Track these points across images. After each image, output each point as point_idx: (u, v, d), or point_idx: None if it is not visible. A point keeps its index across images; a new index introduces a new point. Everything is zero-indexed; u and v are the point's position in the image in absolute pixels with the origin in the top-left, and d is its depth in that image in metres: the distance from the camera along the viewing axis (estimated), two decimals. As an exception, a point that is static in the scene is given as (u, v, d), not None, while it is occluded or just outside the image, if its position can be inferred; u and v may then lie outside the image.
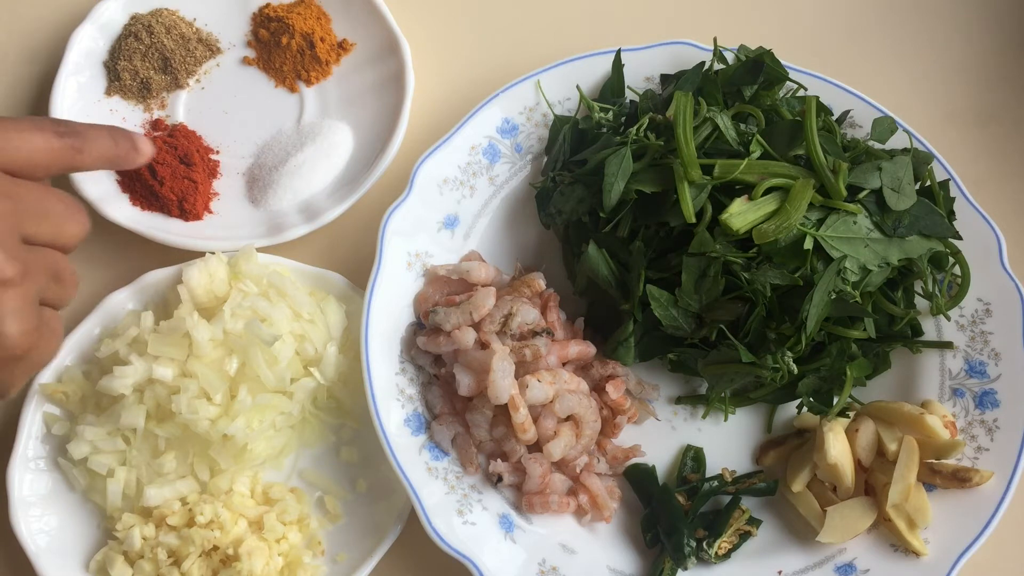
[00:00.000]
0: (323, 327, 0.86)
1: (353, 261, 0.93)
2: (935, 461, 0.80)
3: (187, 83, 1.01)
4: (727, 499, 0.83)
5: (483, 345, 0.81)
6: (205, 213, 0.94)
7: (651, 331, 0.83)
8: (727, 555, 0.81)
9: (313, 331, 0.85)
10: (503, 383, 0.78)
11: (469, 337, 0.81)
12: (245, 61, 1.03)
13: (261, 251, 0.89)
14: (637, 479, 0.85)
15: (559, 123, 0.92)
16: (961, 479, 0.79)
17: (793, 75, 0.90)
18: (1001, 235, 0.87)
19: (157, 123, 0.99)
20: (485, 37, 1.05)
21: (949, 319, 0.86)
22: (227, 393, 0.81)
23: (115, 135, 0.60)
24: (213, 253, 0.86)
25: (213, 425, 0.79)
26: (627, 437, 0.86)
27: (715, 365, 0.81)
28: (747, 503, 0.83)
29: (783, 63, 0.87)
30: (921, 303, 0.87)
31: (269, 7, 1.03)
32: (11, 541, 0.80)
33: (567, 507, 0.82)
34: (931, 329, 0.87)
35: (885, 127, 0.87)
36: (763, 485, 0.84)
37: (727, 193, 0.78)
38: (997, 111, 1.02)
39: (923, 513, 0.78)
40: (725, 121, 0.81)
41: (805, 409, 0.86)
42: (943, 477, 0.79)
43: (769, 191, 0.77)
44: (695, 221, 0.77)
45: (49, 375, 0.84)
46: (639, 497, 0.85)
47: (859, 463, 0.81)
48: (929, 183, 0.85)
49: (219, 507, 0.79)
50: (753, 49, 0.88)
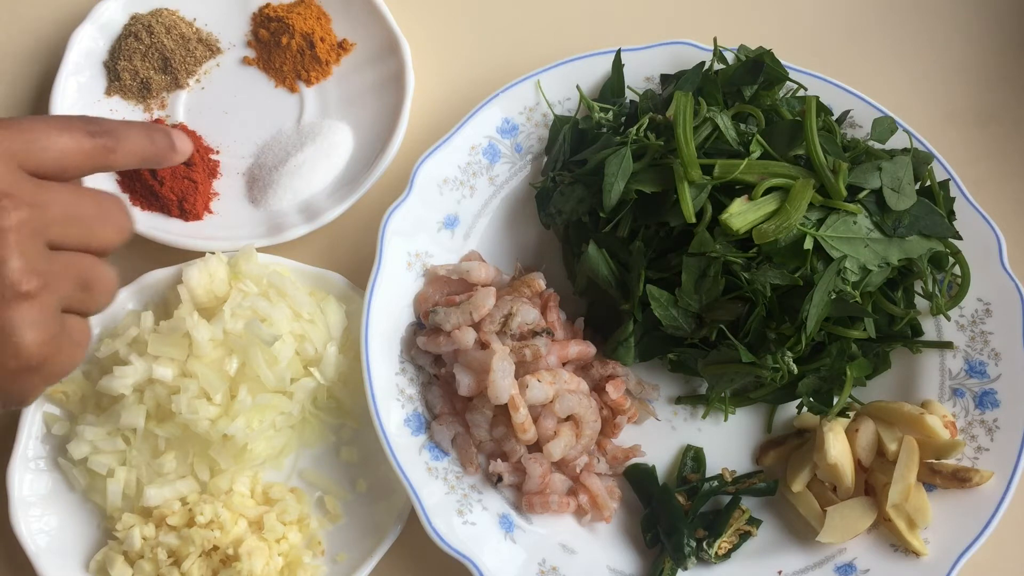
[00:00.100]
0: (323, 327, 0.86)
1: (353, 261, 0.93)
2: (935, 461, 0.80)
3: (187, 83, 1.01)
4: (727, 499, 0.83)
5: (483, 345, 0.81)
6: (205, 213, 0.94)
7: (651, 331, 0.83)
8: (727, 555, 0.81)
9: (313, 331, 0.85)
10: (503, 383, 0.78)
11: (469, 337, 0.80)
12: (245, 61, 1.03)
13: (261, 251, 0.89)
14: (637, 479, 0.85)
15: (559, 123, 0.92)
16: (961, 479, 0.79)
17: (793, 75, 0.90)
18: (1001, 235, 0.87)
19: (157, 123, 0.99)
20: (485, 37, 1.05)
21: (949, 319, 0.86)
22: (227, 393, 0.81)
23: (152, 133, 0.58)
24: (213, 253, 0.86)
25: (213, 425, 0.79)
26: (627, 437, 0.86)
27: (715, 365, 0.81)
28: (747, 503, 0.83)
29: (783, 63, 0.87)
30: (921, 303, 0.87)
31: (269, 7, 1.03)
32: (11, 541, 0.80)
33: (567, 507, 0.82)
34: (931, 329, 0.87)
35: (885, 127, 0.87)
36: (763, 485, 0.84)
37: (727, 193, 0.78)
38: (997, 111, 1.02)
39: (923, 513, 0.78)
40: (725, 121, 0.81)
41: (805, 409, 0.86)
42: (943, 477, 0.79)
43: (769, 191, 0.77)
44: (695, 221, 0.77)
45: (49, 375, 0.84)
46: (639, 497, 0.84)
47: (859, 463, 0.81)
48: (929, 183, 0.85)
49: (219, 507, 0.79)
50: (753, 49, 0.88)
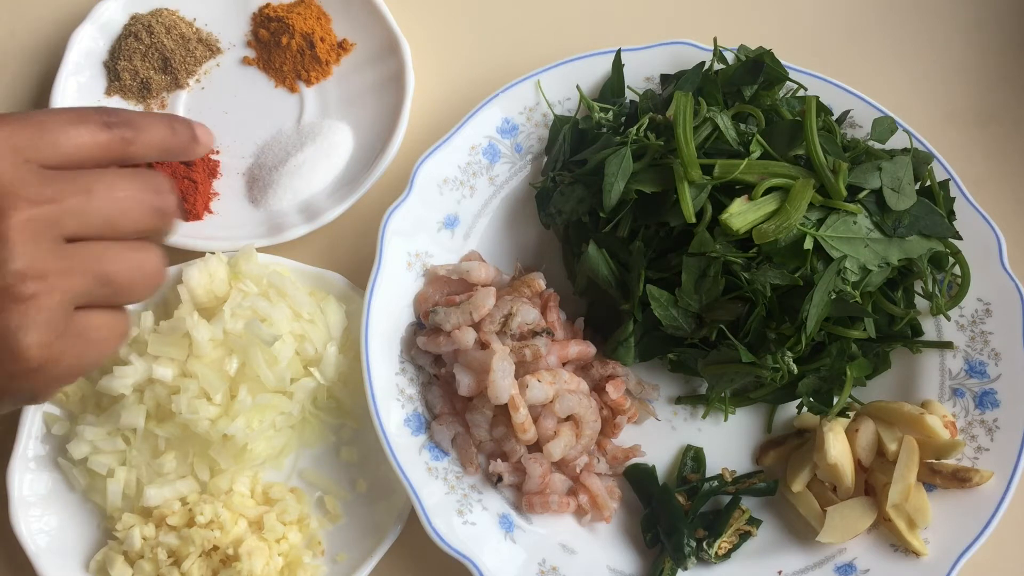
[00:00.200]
0: (323, 327, 0.86)
1: (353, 261, 0.93)
2: (935, 461, 0.80)
3: (187, 83, 1.01)
4: (727, 499, 0.83)
5: (483, 345, 0.81)
6: (205, 213, 0.94)
7: (651, 331, 0.83)
8: (727, 555, 0.81)
9: (313, 331, 0.85)
10: (503, 383, 0.78)
11: (469, 337, 0.80)
12: (245, 61, 1.03)
13: (261, 251, 0.89)
14: (637, 479, 0.85)
15: (559, 123, 0.92)
16: (961, 479, 0.79)
17: (793, 75, 0.90)
18: (1001, 235, 0.87)
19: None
20: (485, 37, 1.05)
21: (949, 319, 0.86)
22: (227, 393, 0.81)
23: (173, 124, 0.57)
24: (213, 253, 0.86)
25: (213, 425, 0.79)
26: (627, 437, 0.86)
27: (715, 365, 0.81)
28: (747, 503, 0.83)
29: (783, 63, 0.87)
30: (921, 303, 0.87)
31: (269, 7, 1.03)
32: (11, 541, 0.80)
33: (567, 507, 0.82)
34: (931, 329, 0.87)
35: (885, 127, 0.87)
36: (763, 485, 0.84)
37: (727, 193, 0.78)
38: (997, 111, 1.02)
39: (923, 513, 0.78)
40: (725, 121, 0.81)
41: (805, 409, 0.86)
42: (943, 477, 0.79)
43: (769, 191, 0.77)
44: (695, 221, 0.77)
45: (49, 375, 0.84)
46: (639, 497, 0.84)
47: (859, 463, 0.81)
48: (929, 183, 0.85)
49: (219, 507, 0.79)
50: (753, 49, 0.88)
